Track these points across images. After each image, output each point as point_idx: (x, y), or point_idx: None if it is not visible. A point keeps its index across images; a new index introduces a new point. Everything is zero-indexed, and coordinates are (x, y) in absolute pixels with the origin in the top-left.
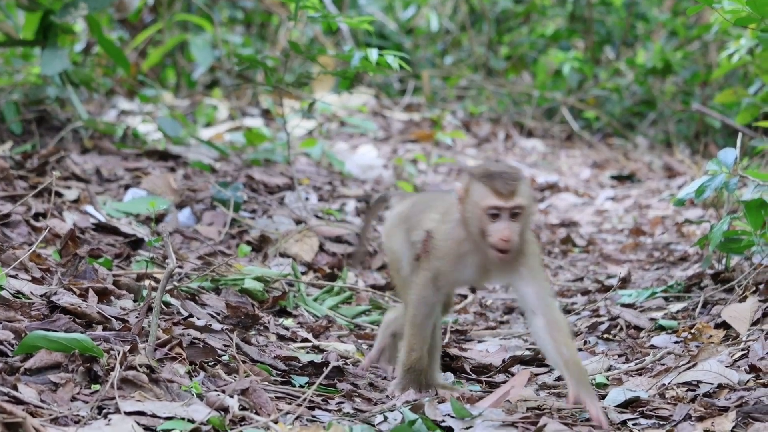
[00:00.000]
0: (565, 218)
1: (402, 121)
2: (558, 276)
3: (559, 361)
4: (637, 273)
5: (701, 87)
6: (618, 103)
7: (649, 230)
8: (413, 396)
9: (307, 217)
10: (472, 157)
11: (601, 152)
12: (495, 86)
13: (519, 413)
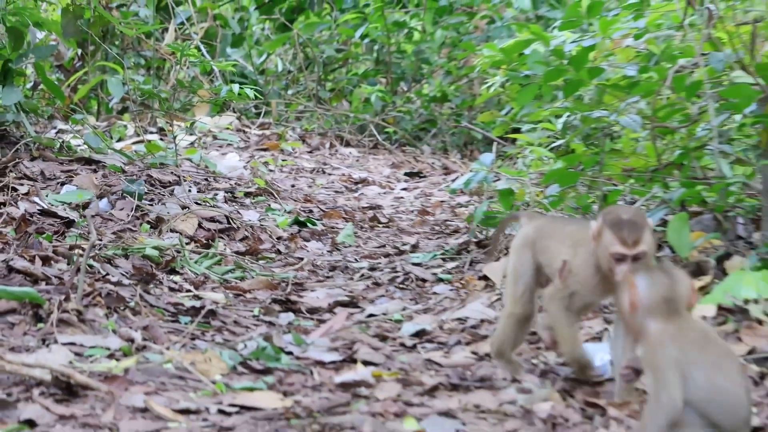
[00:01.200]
0: (372, 203)
1: (257, 135)
2: (367, 244)
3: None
4: (424, 241)
5: (468, 110)
6: (410, 121)
7: (431, 211)
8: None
9: (190, 204)
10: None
11: (397, 156)
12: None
13: (340, 341)
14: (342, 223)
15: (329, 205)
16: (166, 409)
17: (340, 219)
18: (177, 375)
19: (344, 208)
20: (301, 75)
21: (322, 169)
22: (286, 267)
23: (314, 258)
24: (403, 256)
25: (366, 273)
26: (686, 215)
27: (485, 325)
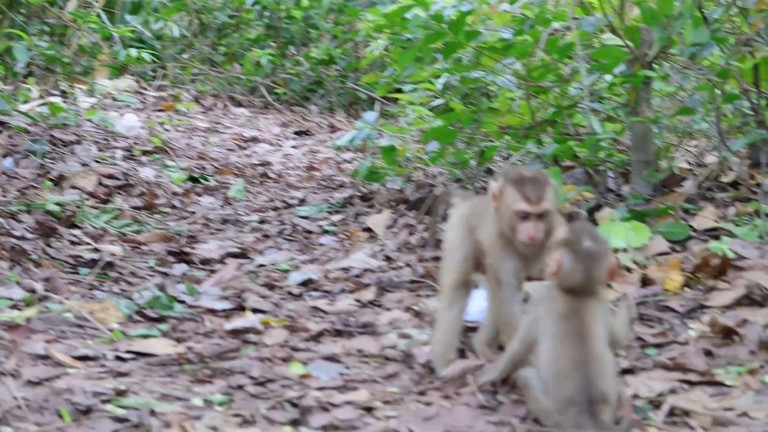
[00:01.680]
0: (263, 160)
1: (154, 96)
2: (257, 198)
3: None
4: (311, 196)
5: (353, 72)
6: (298, 83)
7: (318, 167)
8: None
9: (90, 162)
10: (200, 120)
11: (286, 116)
12: (216, 73)
13: (230, 290)
14: (233, 179)
15: (221, 162)
16: (65, 355)
17: (232, 175)
18: (76, 323)
19: (236, 164)
20: (195, 40)
21: (215, 128)
22: (180, 221)
23: (207, 212)
24: (290, 210)
25: (256, 226)
26: (559, 169)
27: (368, 274)
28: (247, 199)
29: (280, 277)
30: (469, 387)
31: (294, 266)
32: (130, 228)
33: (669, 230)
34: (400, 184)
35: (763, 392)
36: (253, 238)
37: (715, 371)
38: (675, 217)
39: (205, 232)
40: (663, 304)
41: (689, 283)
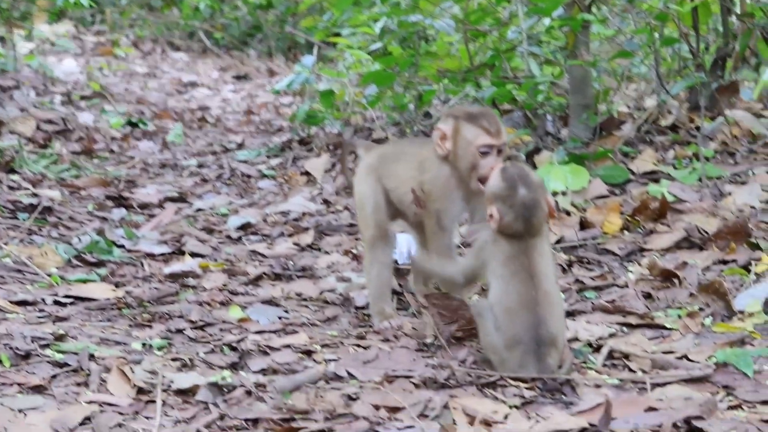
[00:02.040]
0: (201, 105)
1: (93, 42)
2: (196, 142)
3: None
4: (249, 140)
5: (292, 16)
6: (237, 28)
7: (257, 111)
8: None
9: (28, 107)
10: (139, 65)
11: (225, 61)
12: (154, 18)
13: (169, 234)
14: (172, 124)
15: (160, 107)
16: (4, 301)
17: (170, 120)
18: (15, 269)
19: (174, 109)
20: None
21: (154, 73)
22: (118, 165)
23: (145, 157)
24: (229, 154)
25: (194, 170)
26: (497, 113)
27: (307, 217)
28: (186, 143)
29: (219, 221)
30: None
31: (233, 210)
32: (69, 173)
33: (608, 173)
34: (339, 127)
35: (702, 335)
36: (192, 182)
37: (655, 314)
38: (614, 160)
39: (143, 177)
40: (602, 247)
41: (628, 226)
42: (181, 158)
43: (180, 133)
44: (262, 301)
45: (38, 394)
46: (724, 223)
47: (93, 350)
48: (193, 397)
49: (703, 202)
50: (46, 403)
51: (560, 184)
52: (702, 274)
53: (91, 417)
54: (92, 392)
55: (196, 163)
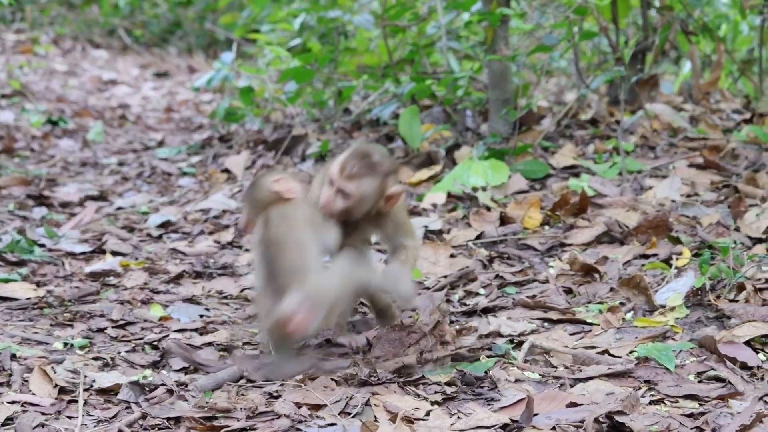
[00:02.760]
0: (122, 102)
1: (12, 40)
2: (117, 140)
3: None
4: (170, 137)
5: (212, 13)
6: (157, 25)
7: (177, 109)
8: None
9: None
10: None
11: (145, 58)
12: (74, 15)
13: (90, 233)
14: (92, 122)
15: (81, 105)
16: None
17: (91, 118)
18: None
19: (95, 107)
20: None
21: (74, 71)
22: (39, 164)
23: (66, 155)
24: (149, 152)
25: (115, 168)
26: (417, 108)
27: (227, 215)
28: (106, 141)
29: (140, 220)
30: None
31: (153, 208)
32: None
33: (528, 168)
34: (259, 124)
35: (623, 329)
36: (113, 180)
37: (576, 309)
38: (534, 155)
39: (64, 176)
40: (523, 243)
41: (549, 221)
42: (102, 156)
43: (100, 131)
44: (183, 300)
45: None
46: (645, 217)
47: (15, 350)
48: (115, 397)
49: (624, 196)
50: None
51: (480, 180)
52: (623, 269)
53: (14, 417)
54: (14, 392)
55: (117, 161)
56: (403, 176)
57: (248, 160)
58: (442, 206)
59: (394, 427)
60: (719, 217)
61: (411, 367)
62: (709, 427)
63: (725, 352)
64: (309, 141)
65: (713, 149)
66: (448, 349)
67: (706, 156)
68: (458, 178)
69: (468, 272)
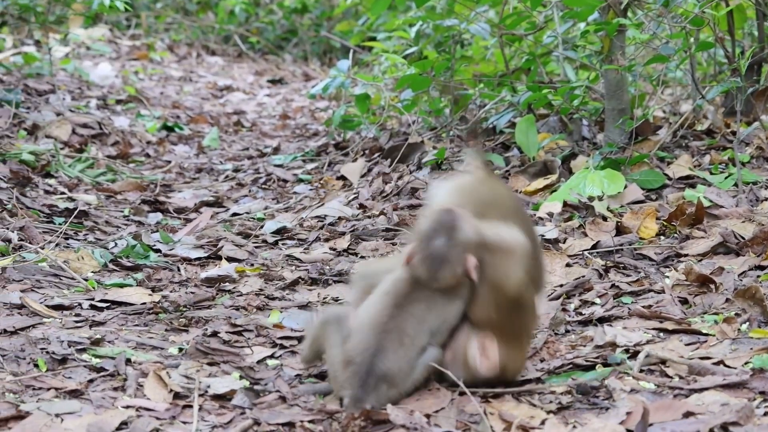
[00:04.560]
0: (237, 109)
1: (128, 46)
2: (232, 147)
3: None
4: (285, 144)
5: (327, 20)
6: (272, 32)
7: (292, 116)
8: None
9: (64, 111)
10: (174, 69)
11: (260, 65)
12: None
13: (205, 239)
14: (207, 128)
15: (196, 111)
16: (40, 305)
17: (206, 124)
18: (51, 273)
19: (210, 113)
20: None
21: (189, 77)
22: (154, 170)
23: (181, 161)
24: (265, 158)
25: (230, 174)
26: (533, 117)
27: (343, 222)
28: (222, 147)
29: (255, 226)
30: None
31: (269, 215)
32: (105, 177)
33: (644, 178)
34: (375, 132)
35: (739, 340)
36: (228, 186)
37: (691, 320)
38: (650, 165)
39: (179, 181)
40: (638, 253)
41: (664, 232)
42: (217, 162)
43: (216, 137)
44: (298, 306)
45: (75, 398)
46: (761, 228)
47: (130, 355)
48: (229, 402)
49: (740, 207)
50: (82, 407)
51: (596, 189)
52: (738, 280)
53: (128, 422)
54: (129, 397)
55: (232, 167)
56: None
57: (364, 168)
58: (558, 215)
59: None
60: None
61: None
62: None
63: None
64: (425, 149)
65: None
66: (562, 359)
67: None
68: (574, 187)
69: (584, 281)
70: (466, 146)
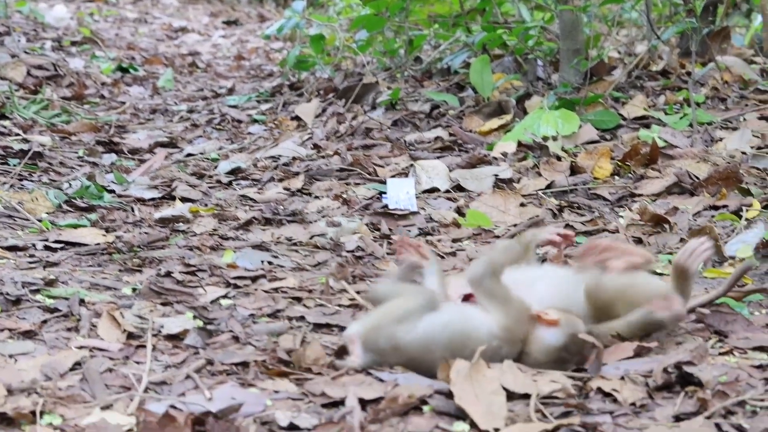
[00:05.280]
0: (191, 50)
1: None
2: (186, 88)
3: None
4: (239, 85)
5: None
6: None
7: (247, 57)
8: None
9: (19, 53)
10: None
11: (216, 6)
12: None
13: (159, 179)
14: (162, 69)
15: (151, 53)
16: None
17: (161, 65)
18: (5, 214)
19: (165, 55)
20: None
21: (144, 18)
22: (109, 111)
23: (136, 102)
24: (219, 99)
25: (185, 115)
26: (488, 58)
27: (297, 162)
28: (176, 88)
29: (209, 166)
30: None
31: (223, 155)
32: (60, 118)
33: (598, 118)
34: (329, 72)
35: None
36: (182, 127)
37: None
38: (604, 105)
39: (134, 122)
40: (593, 192)
41: (619, 172)
42: (172, 103)
43: (170, 78)
44: (252, 246)
45: (29, 339)
46: (715, 168)
47: (83, 295)
48: (183, 342)
49: (694, 147)
50: (36, 348)
51: (551, 129)
52: (693, 220)
53: (82, 362)
54: (82, 337)
55: (187, 108)
56: (473, 125)
57: (318, 108)
58: (512, 155)
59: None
60: None
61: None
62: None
63: None
64: (379, 89)
65: None
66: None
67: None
68: (529, 127)
69: (538, 221)
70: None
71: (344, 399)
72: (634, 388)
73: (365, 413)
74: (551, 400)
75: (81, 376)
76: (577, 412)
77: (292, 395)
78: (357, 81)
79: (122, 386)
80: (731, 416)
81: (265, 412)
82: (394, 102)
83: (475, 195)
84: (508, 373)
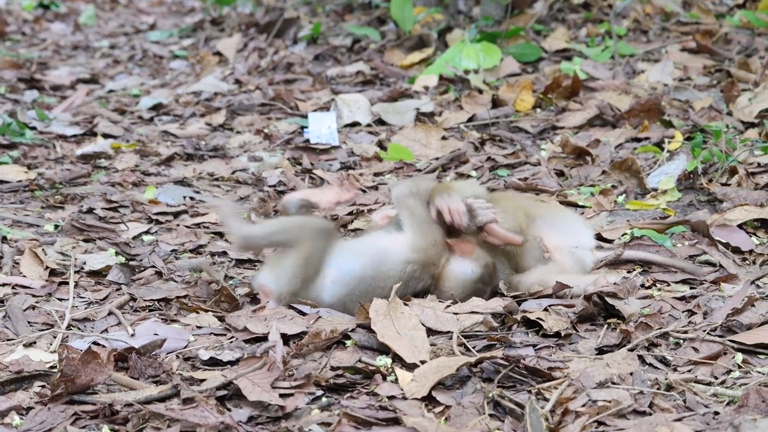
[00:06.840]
0: None
1: None
2: (108, 24)
3: None
4: (161, 21)
5: None
6: None
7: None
8: None
9: None
10: None
11: None
12: None
13: (81, 116)
14: (84, 5)
15: None
16: None
17: (83, 1)
18: None
19: None
20: None
21: None
22: (31, 47)
23: (57, 38)
24: (141, 35)
25: (106, 51)
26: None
27: (219, 97)
28: (98, 25)
29: (131, 102)
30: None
31: (145, 91)
32: None
33: (520, 51)
34: (251, 7)
35: (615, 212)
36: (104, 63)
37: (568, 192)
38: (526, 38)
39: (55, 59)
40: (514, 125)
41: (540, 104)
42: (93, 40)
43: (92, 14)
44: (174, 182)
45: None
46: (637, 100)
47: (5, 232)
48: (105, 278)
49: (616, 79)
50: None
51: (472, 63)
52: (615, 152)
53: (4, 299)
54: (5, 274)
55: (108, 44)
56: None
57: (240, 43)
58: (433, 89)
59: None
60: (711, 101)
61: None
62: (701, 311)
63: (718, 236)
64: (301, 24)
65: (706, 34)
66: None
67: (699, 40)
68: (450, 60)
69: (460, 154)
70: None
71: (267, 334)
72: (557, 318)
73: (288, 348)
74: (474, 333)
75: (3, 313)
76: (500, 345)
77: (215, 330)
78: (278, 16)
79: (45, 323)
80: (654, 348)
81: (188, 347)
82: (316, 36)
83: (396, 129)
84: (428, 309)
